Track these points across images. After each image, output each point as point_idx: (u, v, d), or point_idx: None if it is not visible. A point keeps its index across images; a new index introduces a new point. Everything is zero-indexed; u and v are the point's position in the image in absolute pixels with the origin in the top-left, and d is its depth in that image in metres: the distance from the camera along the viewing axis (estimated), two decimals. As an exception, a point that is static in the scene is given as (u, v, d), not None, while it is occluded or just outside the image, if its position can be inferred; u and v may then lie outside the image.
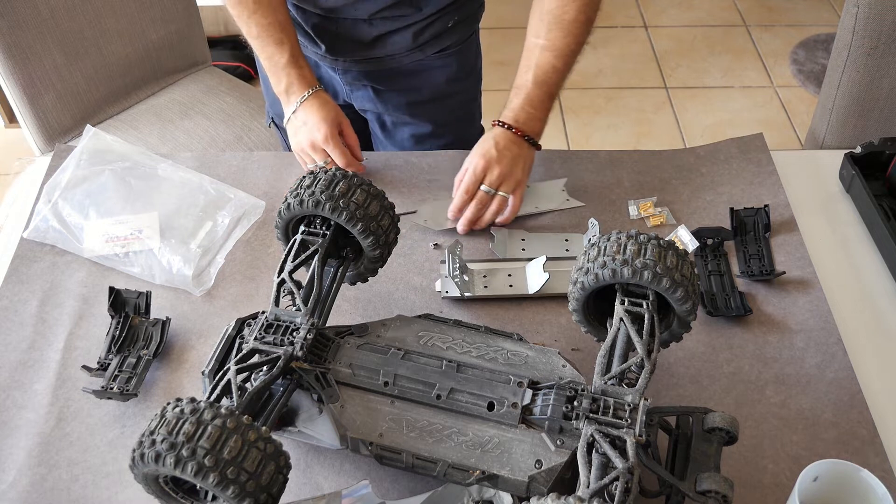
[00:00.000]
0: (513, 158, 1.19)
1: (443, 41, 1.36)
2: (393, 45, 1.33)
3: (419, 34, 1.33)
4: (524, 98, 1.20)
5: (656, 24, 3.21)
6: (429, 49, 1.36)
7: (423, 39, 1.34)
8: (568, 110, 2.84)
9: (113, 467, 0.97)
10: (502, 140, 1.19)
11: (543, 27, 1.19)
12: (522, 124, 1.20)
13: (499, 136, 1.19)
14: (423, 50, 1.36)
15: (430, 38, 1.34)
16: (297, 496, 0.93)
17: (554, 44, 1.19)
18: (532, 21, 1.21)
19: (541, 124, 1.22)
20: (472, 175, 1.18)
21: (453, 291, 1.13)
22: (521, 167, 1.20)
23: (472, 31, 1.42)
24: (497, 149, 1.18)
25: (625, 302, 0.90)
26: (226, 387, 0.84)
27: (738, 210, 1.22)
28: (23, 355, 1.08)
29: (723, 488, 0.80)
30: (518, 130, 1.19)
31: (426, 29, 1.33)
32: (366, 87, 1.42)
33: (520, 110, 1.20)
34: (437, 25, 1.33)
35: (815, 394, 1.03)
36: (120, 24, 1.73)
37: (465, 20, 1.38)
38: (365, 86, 1.42)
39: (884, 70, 1.42)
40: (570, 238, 1.21)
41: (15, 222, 1.26)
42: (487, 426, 0.86)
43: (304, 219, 1.00)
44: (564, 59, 1.20)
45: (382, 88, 1.41)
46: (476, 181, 1.18)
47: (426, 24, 1.32)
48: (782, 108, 2.84)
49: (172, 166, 1.29)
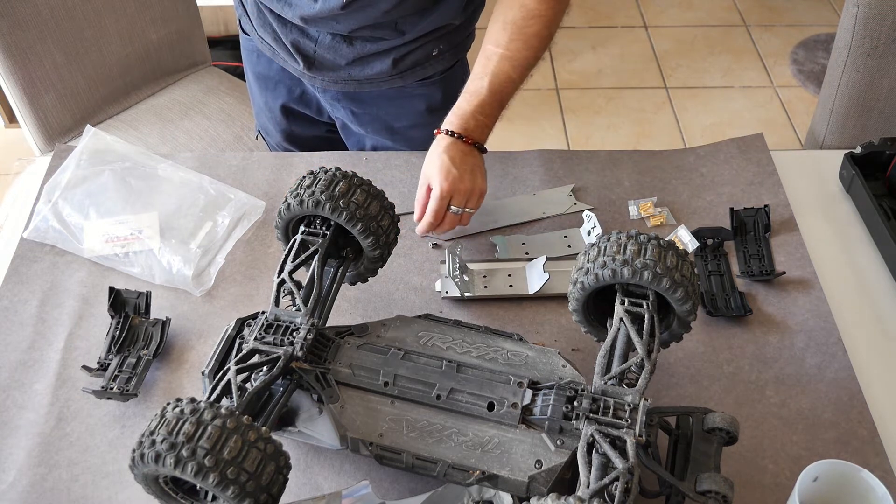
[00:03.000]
0: (471, 171, 1.14)
1: (426, 70, 1.32)
2: (371, 68, 1.29)
3: (399, 60, 1.28)
4: (476, 105, 1.15)
5: (656, 24, 3.21)
6: (410, 77, 1.31)
7: (404, 66, 1.29)
8: (568, 110, 2.84)
9: (113, 467, 0.97)
10: (457, 154, 1.13)
11: (505, 36, 1.15)
12: (472, 132, 1.15)
13: (452, 150, 1.13)
14: (404, 77, 1.31)
15: (411, 66, 1.30)
16: (297, 496, 0.93)
17: (514, 55, 1.15)
18: (493, 28, 1.17)
19: (488, 132, 1.18)
20: (440, 199, 1.12)
21: (453, 291, 1.13)
22: (481, 176, 1.16)
23: (458, 59, 1.37)
24: (455, 164, 1.12)
25: (625, 302, 0.90)
26: (226, 387, 0.84)
27: (738, 210, 1.22)
28: (23, 355, 1.08)
29: (723, 488, 0.80)
30: (468, 139, 1.14)
31: (408, 56, 1.28)
32: (345, 108, 1.38)
33: (470, 117, 1.15)
34: (420, 53, 1.29)
35: (815, 394, 1.03)
36: (120, 24, 1.73)
37: (452, 50, 1.33)
38: (344, 107, 1.38)
39: (884, 70, 1.42)
40: (568, 234, 1.21)
41: (15, 222, 1.26)
42: (487, 426, 0.86)
43: (304, 219, 1.00)
44: (521, 72, 1.17)
45: (360, 112, 1.38)
46: (444, 205, 1.13)
47: (407, 50, 1.27)
48: (782, 108, 2.84)
49: (172, 166, 1.29)
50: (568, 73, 2.99)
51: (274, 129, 1.51)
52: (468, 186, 1.14)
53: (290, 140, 1.52)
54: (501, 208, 1.26)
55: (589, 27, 3.20)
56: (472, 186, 1.14)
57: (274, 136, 1.53)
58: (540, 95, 2.89)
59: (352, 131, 1.43)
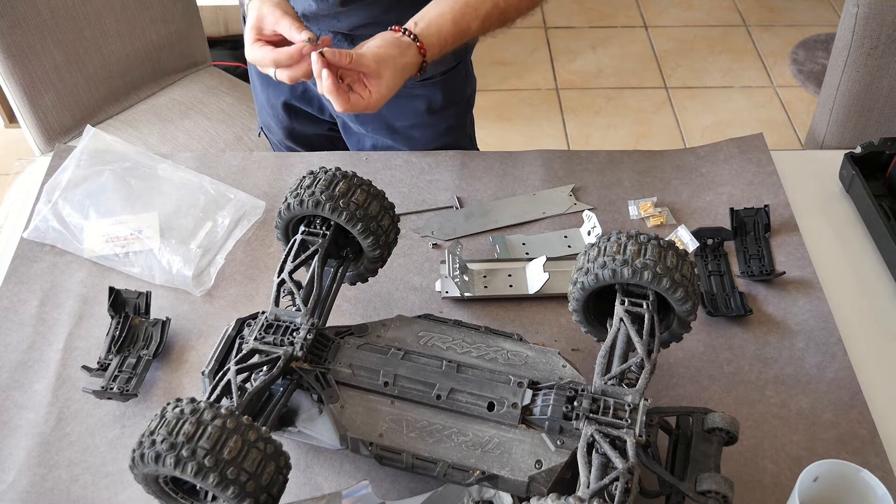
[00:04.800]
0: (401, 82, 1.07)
1: (427, 70, 1.29)
2: None
3: None
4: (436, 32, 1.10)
5: (656, 24, 3.22)
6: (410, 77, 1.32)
7: None
8: (568, 110, 2.84)
9: (113, 467, 0.97)
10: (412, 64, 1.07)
11: None
12: (432, 53, 1.09)
13: (410, 63, 1.07)
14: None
15: None
16: (297, 496, 0.93)
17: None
18: None
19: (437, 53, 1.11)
20: (353, 109, 1.04)
21: (453, 291, 1.13)
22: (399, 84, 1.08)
23: (460, 60, 1.35)
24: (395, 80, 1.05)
25: (625, 302, 0.90)
26: (226, 387, 0.84)
27: (738, 210, 1.22)
28: (23, 355, 1.08)
29: (723, 488, 0.80)
30: (423, 66, 1.09)
31: None
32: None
33: (435, 40, 1.09)
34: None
35: (815, 394, 1.03)
36: (120, 24, 1.73)
37: (453, 52, 1.28)
38: None
39: (884, 70, 1.42)
40: (568, 234, 1.21)
41: (15, 222, 1.26)
42: (487, 426, 0.86)
43: (304, 219, 1.00)
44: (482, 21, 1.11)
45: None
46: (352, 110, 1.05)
47: None
48: (782, 108, 2.84)
49: (172, 166, 1.29)
50: (568, 73, 2.99)
51: (276, 126, 1.51)
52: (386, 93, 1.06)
53: (291, 137, 1.52)
54: (501, 208, 1.26)
55: (589, 27, 3.21)
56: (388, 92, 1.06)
57: (276, 133, 1.53)
58: (540, 95, 2.90)
59: (352, 130, 1.43)
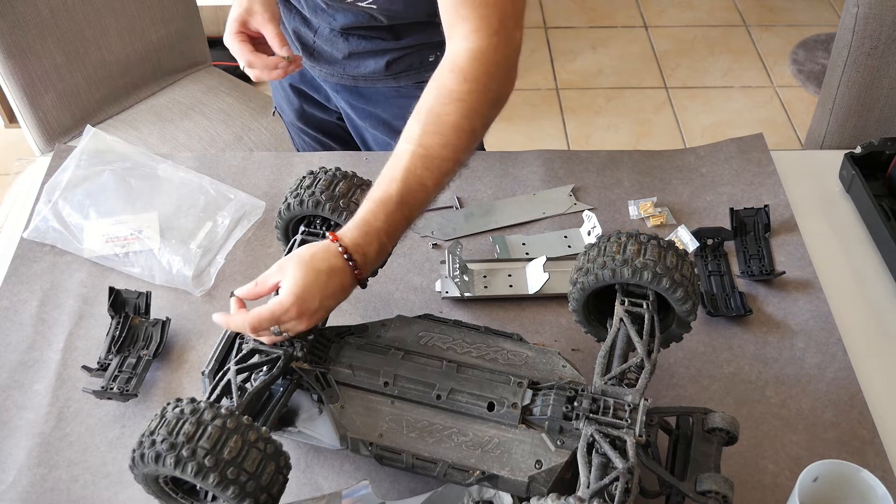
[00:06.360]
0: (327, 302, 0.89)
1: (421, 74, 1.29)
2: (366, 66, 1.27)
3: (393, 62, 1.26)
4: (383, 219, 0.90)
5: (656, 24, 3.21)
6: (404, 79, 1.29)
7: (398, 69, 1.27)
8: (568, 110, 2.84)
9: (113, 467, 0.97)
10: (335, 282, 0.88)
11: (418, 128, 0.91)
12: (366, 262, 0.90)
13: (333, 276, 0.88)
14: (398, 79, 1.29)
15: (405, 69, 1.27)
16: (297, 496, 0.93)
17: (428, 152, 0.90)
18: (409, 121, 0.93)
19: (383, 259, 0.94)
20: (271, 318, 0.86)
21: (453, 291, 1.13)
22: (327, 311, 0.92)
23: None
24: (321, 296, 0.87)
25: (625, 302, 0.90)
26: (226, 387, 0.84)
27: (738, 210, 1.22)
28: (23, 355, 1.08)
29: (723, 488, 0.80)
30: (359, 273, 0.90)
31: (402, 59, 1.26)
32: (345, 100, 1.38)
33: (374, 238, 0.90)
34: (415, 58, 1.26)
35: (815, 394, 1.03)
36: (120, 24, 1.73)
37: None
38: (344, 99, 1.38)
39: (884, 70, 1.42)
40: (568, 234, 1.21)
41: (15, 222, 1.26)
42: (487, 426, 0.86)
43: (304, 219, 1.00)
44: (436, 177, 0.91)
45: (359, 106, 1.37)
46: (273, 323, 0.87)
47: (402, 54, 1.25)
48: (782, 108, 2.84)
49: (172, 166, 1.29)
50: (568, 73, 2.99)
51: (287, 107, 1.52)
52: (310, 322, 0.89)
53: (302, 119, 1.52)
54: (501, 208, 1.26)
55: (589, 27, 3.20)
56: (311, 321, 0.89)
57: (287, 114, 1.54)
58: (540, 95, 2.89)
59: (355, 122, 1.44)
